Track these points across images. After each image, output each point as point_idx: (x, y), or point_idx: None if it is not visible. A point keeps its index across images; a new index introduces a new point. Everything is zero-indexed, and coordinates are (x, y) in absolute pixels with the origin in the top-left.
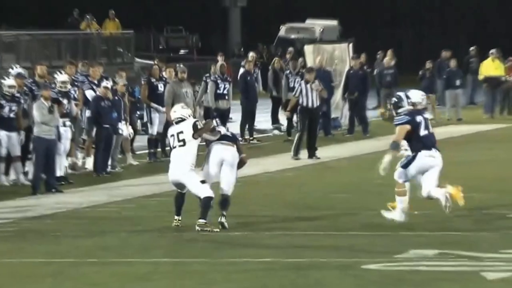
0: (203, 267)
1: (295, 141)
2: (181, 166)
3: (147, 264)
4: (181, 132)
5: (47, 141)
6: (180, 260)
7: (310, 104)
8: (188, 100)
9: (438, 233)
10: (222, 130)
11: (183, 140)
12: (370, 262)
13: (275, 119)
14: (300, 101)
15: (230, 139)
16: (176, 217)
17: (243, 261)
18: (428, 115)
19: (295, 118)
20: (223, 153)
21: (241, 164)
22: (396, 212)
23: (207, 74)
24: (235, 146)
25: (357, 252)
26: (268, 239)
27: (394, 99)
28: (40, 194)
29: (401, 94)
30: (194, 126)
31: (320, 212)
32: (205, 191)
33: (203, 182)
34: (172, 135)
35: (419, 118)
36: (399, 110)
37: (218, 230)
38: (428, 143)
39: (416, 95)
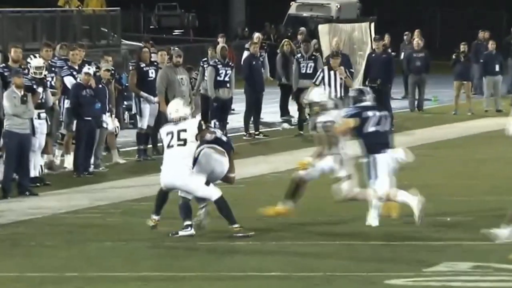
0: (199, 282)
1: None
2: (179, 168)
3: (135, 279)
4: (184, 130)
5: (20, 136)
6: (173, 274)
7: (333, 94)
8: (183, 88)
9: (473, 242)
10: (218, 133)
11: (185, 140)
12: (395, 277)
13: (284, 111)
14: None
15: (224, 145)
16: (154, 217)
17: (246, 276)
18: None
19: (308, 109)
20: (214, 164)
21: (226, 181)
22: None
23: (205, 59)
24: (226, 157)
25: (380, 265)
26: (276, 249)
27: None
28: (12, 198)
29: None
30: (200, 126)
31: (336, 218)
32: (215, 192)
33: (207, 183)
34: (170, 133)
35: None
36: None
37: (253, 233)
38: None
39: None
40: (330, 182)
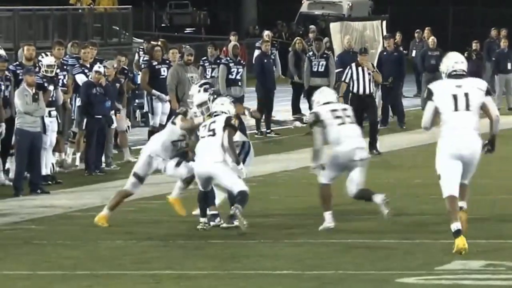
0: (211, 281)
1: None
2: (213, 156)
3: (146, 277)
4: (214, 122)
5: (31, 134)
6: (185, 272)
7: (362, 91)
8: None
9: (486, 241)
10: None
11: (213, 130)
12: (406, 275)
13: (296, 109)
14: (351, 87)
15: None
16: (201, 219)
17: (258, 274)
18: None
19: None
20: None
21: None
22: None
23: (204, 58)
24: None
25: (391, 263)
26: (288, 248)
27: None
28: (23, 196)
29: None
30: (227, 119)
31: (347, 217)
32: (241, 185)
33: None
34: (204, 125)
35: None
36: None
37: (246, 224)
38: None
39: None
40: (343, 180)
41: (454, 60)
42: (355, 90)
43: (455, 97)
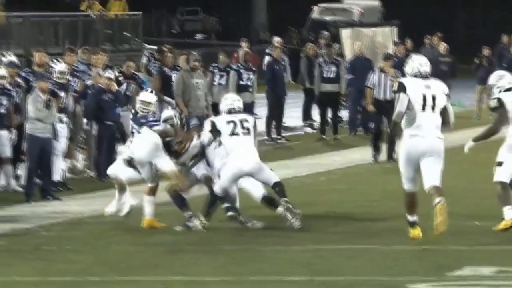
0: (221, 286)
1: (383, 143)
2: (254, 155)
3: (156, 283)
4: (246, 120)
5: (42, 140)
6: (195, 278)
7: (382, 96)
8: (199, 93)
9: (497, 247)
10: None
11: (248, 129)
12: (417, 281)
13: (307, 115)
14: (374, 93)
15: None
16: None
17: (269, 280)
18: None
19: (330, 113)
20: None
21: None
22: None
23: (214, 64)
24: None
25: (401, 269)
26: (299, 254)
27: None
28: (35, 202)
29: None
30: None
31: (358, 223)
32: (275, 176)
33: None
34: (232, 122)
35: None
36: None
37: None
38: None
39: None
40: (355, 184)
41: (419, 62)
42: (375, 95)
43: (424, 97)
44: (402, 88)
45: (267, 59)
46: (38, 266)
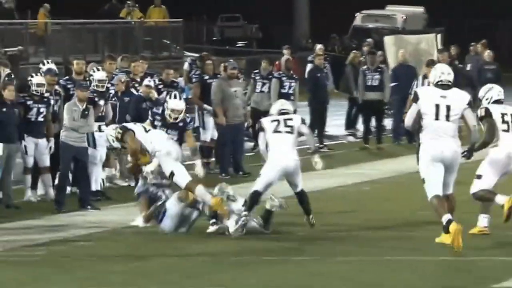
0: None
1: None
2: (295, 153)
3: None
4: (290, 119)
5: (75, 148)
6: None
7: None
8: (237, 101)
9: None
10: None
11: (292, 127)
12: None
13: (350, 123)
14: None
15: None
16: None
17: None
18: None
19: (373, 122)
20: None
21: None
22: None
23: (256, 71)
24: None
25: (447, 281)
26: (340, 265)
27: None
28: (73, 211)
29: None
30: (303, 120)
31: (402, 233)
32: (302, 183)
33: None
34: (276, 120)
35: None
36: None
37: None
38: None
39: None
40: (398, 194)
41: (441, 71)
42: None
43: (437, 107)
44: (415, 98)
45: (309, 67)
46: (76, 276)
